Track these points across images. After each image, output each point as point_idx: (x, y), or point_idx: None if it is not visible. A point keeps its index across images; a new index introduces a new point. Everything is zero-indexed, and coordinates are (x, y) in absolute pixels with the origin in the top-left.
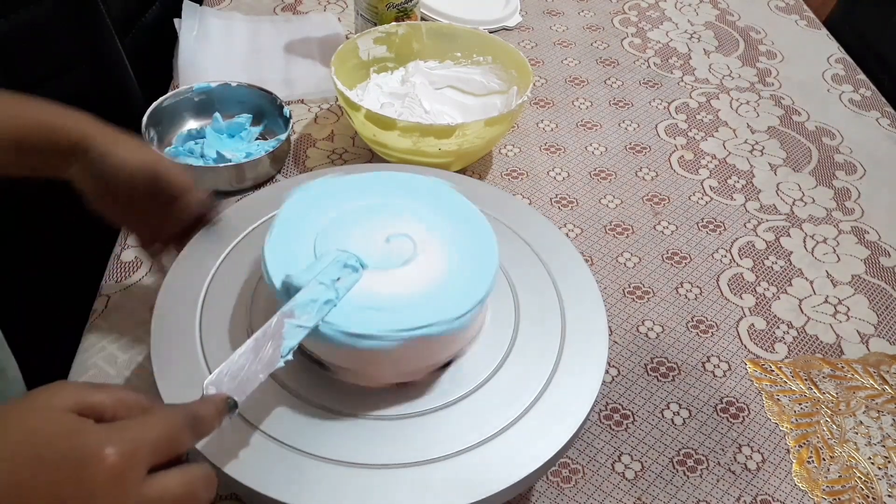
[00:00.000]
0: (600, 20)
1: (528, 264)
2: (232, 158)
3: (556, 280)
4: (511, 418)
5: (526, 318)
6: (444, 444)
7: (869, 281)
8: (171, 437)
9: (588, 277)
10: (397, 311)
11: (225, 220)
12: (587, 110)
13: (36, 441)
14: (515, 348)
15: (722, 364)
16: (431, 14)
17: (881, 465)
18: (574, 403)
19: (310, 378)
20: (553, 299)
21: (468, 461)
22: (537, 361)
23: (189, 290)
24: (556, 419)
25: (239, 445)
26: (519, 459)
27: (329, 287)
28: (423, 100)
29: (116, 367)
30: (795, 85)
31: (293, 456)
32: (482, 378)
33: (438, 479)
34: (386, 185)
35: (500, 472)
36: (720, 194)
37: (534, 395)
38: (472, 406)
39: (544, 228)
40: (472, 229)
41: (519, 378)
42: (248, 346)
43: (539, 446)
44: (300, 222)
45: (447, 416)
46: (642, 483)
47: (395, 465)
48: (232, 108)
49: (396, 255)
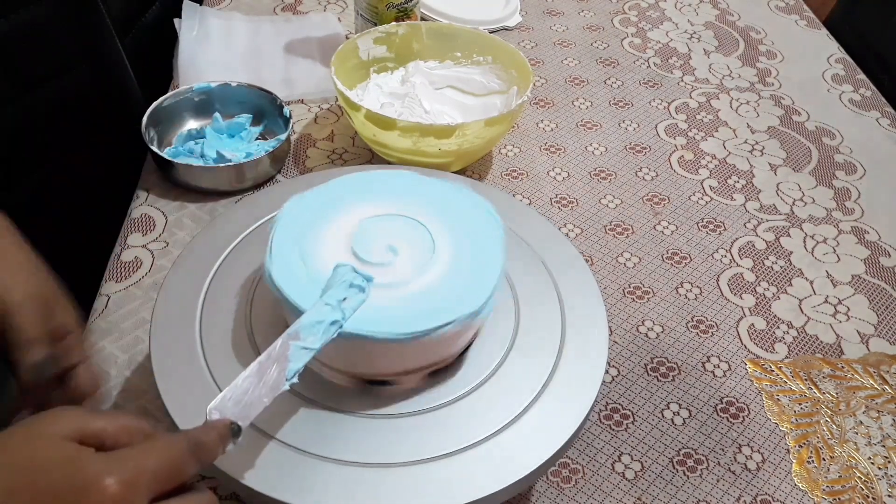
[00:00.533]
0: (600, 20)
1: (528, 264)
2: (232, 158)
3: (556, 280)
4: (511, 418)
5: (526, 318)
6: (443, 443)
7: (869, 281)
8: (174, 464)
9: (588, 277)
10: (415, 308)
11: (225, 220)
12: (587, 110)
13: (35, 470)
14: (515, 348)
15: (722, 364)
16: (431, 14)
17: (881, 465)
18: (574, 403)
19: (309, 377)
20: (553, 299)
21: (468, 460)
22: (537, 361)
23: (189, 289)
24: (555, 419)
25: (238, 445)
26: (519, 459)
27: (335, 308)
28: (423, 100)
29: (116, 368)
30: (795, 85)
31: (293, 455)
32: (482, 377)
33: (438, 479)
34: (386, 185)
35: (499, 471)
36: (720, 194)
37: (533, 394)
38: (472, 405)
39: (544, 228)
40: (477, 222)
41: (518, 378)
42: (252, 370)
43: (539, 446)
44: (301, 228)
45: (447, 415)
46: (642, 483)
47: (395, 464)
48: (232, 108)
49: (403, 255)
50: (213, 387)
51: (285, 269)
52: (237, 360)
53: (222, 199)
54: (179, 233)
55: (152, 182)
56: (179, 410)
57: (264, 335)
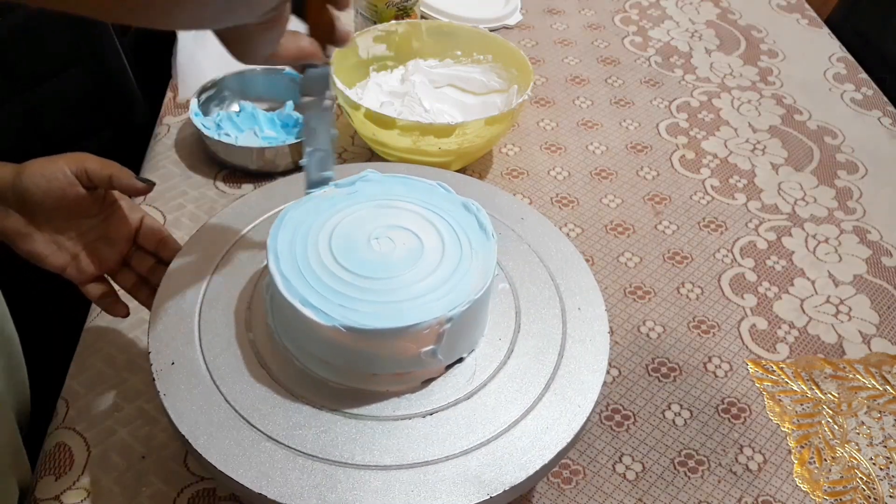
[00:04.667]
0: (601, 19)
1: (528, 264)
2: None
3: (556, 280)
4: (512, 419)
5: (526, 319)
6: (444, 445)
7: (871, 281)
8: None
9: (588, 277)
10: (421, 300)
11: (225, 219)
12: (588, 109)
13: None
14: (516, 349)
15: (723, 364)
16: (431, 12)
17: (882, 465)
18: (575, 404)
19: (309, 379)
20: (553, 299)
21: (469, 462)
22: (538, 362)
23: (189, 289)
24: (557, 420)
25: (238, 445)
26: (519, 460)
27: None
28: (423, 98)
29: (115, 368)
30: (797, 84)
31: (293, 456)
32: (483, 379)
33: (439, 481)
34: (374, 187)
35: (500, 473)
36: (721, 194)
37: (534, 396)
38: (473, 407)
39: (544, 228)
40: (464, 217)
41: (519, 379)
42: None
43: (540, 447)
44: (299, 230)
45: (448, 417)
46: (643, 484)
47: (396, 466)
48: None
49: (401, 250)
50: (212, 387)
51: (289, 273)
52: (237, 361)
53: (221, 197)
54: (178, 232)
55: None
56: (178, 411)
57: (264, 336)
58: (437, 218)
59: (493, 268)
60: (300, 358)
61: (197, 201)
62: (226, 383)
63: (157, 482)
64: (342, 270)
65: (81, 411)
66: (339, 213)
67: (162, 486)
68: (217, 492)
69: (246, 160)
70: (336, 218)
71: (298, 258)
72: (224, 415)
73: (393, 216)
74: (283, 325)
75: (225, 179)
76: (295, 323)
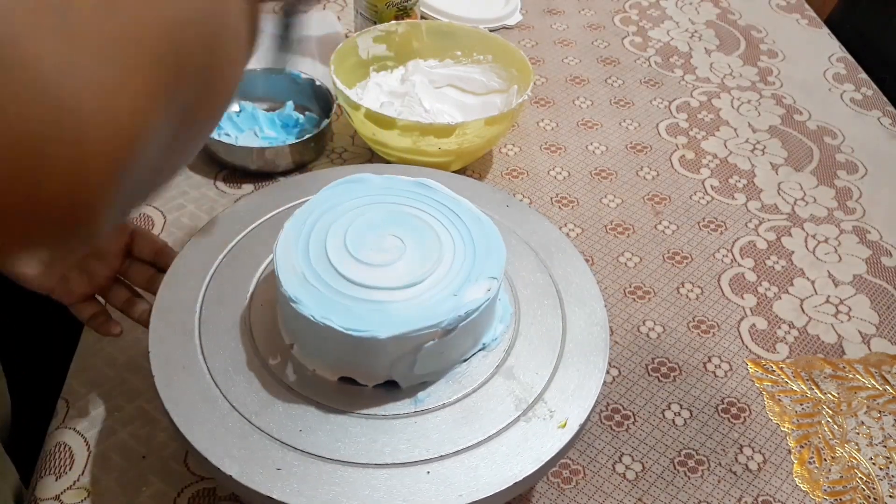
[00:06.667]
0: (601, 19)
1: (528, 264)
2: (253, 142)
3: (556, 280)
4: (511, 418)
5: (526, 319)
6: (444, 443)
7: (870, 281)
8: None
9: (588, 277)
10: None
11: (225, 220)
12: (588, 109)
13: None
14: (515, 349)
15: (723, 364)
16: (431, 12)
17: (882, 465)
18: (575, 404)
19: (311, 379)
20: (553, 299)
21: (468, 461)
22: (537, 361)
23: (189, 289)
24: (556, 420)
25: (239, 445)
26: (519, 460)
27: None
28: (423, 99)
29: (116, 369)
30: (797, 84)
31: (293, 456)
32: (483, 378)
33: (438, 479)
34: (376, 190)
35: (500, 472)
36: (721, 194)
37: (534, 395)
38: (473, 406)
39: (544, 228)
40: (470, 218)
41: (519, 378)
42: None
43: (539, 447)
44: (304, 234)
45: (447, 415)
46: (643, 484)
47: (395, 464)
48: (299, 99)
49: (404, 256)
50: (212, 387)
51: (293, 276)
52: (237, 361)
53: (221, 197)
54: (178, 233)
55: None
56: (178, 411)
57: (264, 336)
58: (449, 223)
59: (500, 276)
60: (302, 358)
61: (197, 201)
62: (226, 383)
63: (157, 482)
64: (348, 271)
65: (81, 411)
66: (347, 215)
67: (162, 485)
68: (217, 492)
69: (246, 160)
70: (345, 219)
71: (304, 260)
72: (224, 414)
73: (403, 219)
74: (284, 325)
75: (225, 179)
76: (297, 324)
